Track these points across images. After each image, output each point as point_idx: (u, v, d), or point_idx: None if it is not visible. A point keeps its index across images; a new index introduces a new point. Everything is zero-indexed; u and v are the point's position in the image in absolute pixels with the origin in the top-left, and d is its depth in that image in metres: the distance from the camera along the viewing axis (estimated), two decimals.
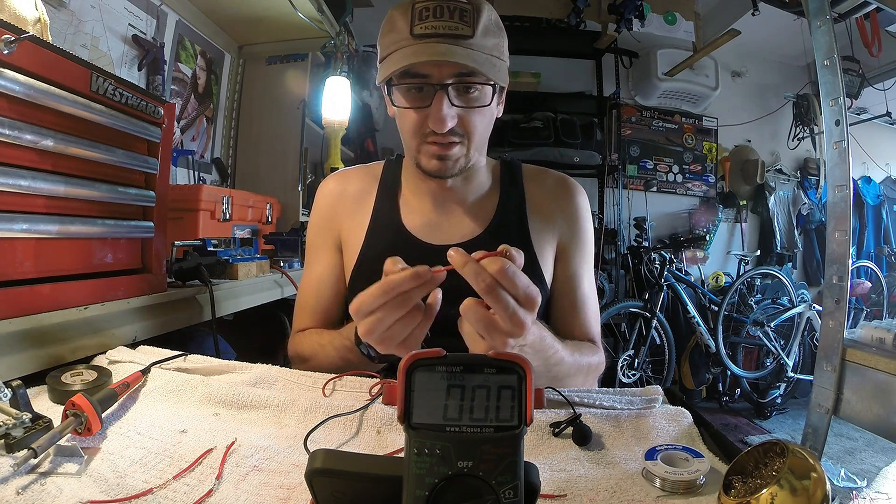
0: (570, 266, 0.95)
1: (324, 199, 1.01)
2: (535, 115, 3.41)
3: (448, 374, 0.40)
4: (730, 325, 3.43)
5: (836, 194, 1.33)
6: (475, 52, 0.77)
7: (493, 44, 0.81)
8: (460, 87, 0.79)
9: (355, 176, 1.02)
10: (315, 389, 0.73)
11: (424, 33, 0.77)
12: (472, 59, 0.76)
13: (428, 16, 0.77)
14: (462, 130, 0.82)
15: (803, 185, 4.27)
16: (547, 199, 0.96)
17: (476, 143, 0.84)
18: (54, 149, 0.79)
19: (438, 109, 0.77)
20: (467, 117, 0.81)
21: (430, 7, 0.77)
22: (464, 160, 0.85)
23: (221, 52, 2.37)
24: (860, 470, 2.40)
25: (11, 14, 0.80)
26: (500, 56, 0.82)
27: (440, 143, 0.82)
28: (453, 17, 0.77)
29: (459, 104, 0.79)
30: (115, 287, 0.94)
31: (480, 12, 0.79)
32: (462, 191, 0.94)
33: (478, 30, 0.78)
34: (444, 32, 0.76)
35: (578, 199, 0.97)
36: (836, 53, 1.31)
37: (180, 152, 2.08)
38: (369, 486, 0.42)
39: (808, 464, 0.44)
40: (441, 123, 0.78)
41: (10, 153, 0.73)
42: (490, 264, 0.53)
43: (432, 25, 0.76)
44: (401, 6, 0.81)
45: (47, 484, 0.48)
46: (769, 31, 3.47)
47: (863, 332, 1.28)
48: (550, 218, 0.95)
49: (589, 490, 0.52)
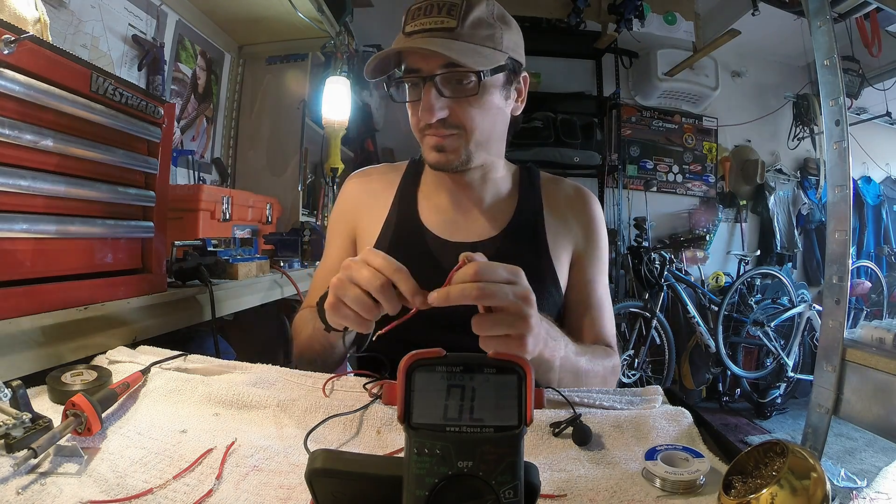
0: (586, 272, 0.97)
1: (345, 194, 1.05)
2: (535, 115, 3.40)
3: (448, 375, 0.40)
4: (730, 324, 3.43)
5: (836, 194, 1.33)
6: (458, 41, 0.78)
7: (486, 35, 0.81)
8: (451, 79, 0.80)
9: (377, 173, 1.05)
10: (315, 389, 0.73)
11: (413, 30, 0.80)
12: (453, 48, 0.77)
13: (419, 14, 0.80)
14: (456, 122, 0.82)
15: (803, 185, 4.27)
16: (564, 206, 0.98)
17: (477, 137, 0.84)
18: (54, 149, 0.79)
19: (426, 100, 0.80)
20: (459, 109, 0.82)
21: (422, 7, 0.81)
22: (464, 153, 0.85)
23: (221, 52, 2.37)
24: (860, 470, 2.40)
25: (11, 14, 0.80)
26: (494, 46, 0.82)
27: (435, 135, 0.84)
28: (441, 13, 0.79)
29: (448, 95, 0.81)
30: (115, 287, 0.94)
31: (471, 6, 0.80)
32: (480, 190, 0.95)
33: (465, 22, 0.79)
34: (430, 27, 0.79)
35: (594, 208, 0.99)
36: (836, 53, 1.31)
37: (180, 152, 2.08)
38: (369, 487, 0.42)
39: (808, 464, 0.44)
40: (427, 113, 0.80)
41: (11, 153, 0.73)
42: (462, 274, 0.57)
43: (420, 23, 0.80)
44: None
45: (47, 484, 0.48)
46: (769, 31, 3.47)
47: (863, 331, 1.28)
48: (567, 225, 0.96)
49: (589, 490, 0.52)
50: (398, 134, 3.37)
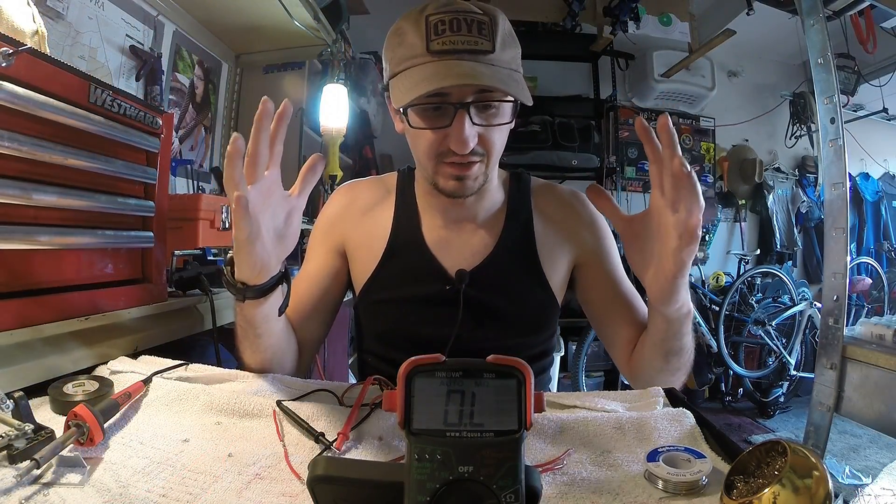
0: (605, 270, 0.94)
1: (331, 207, 1.00)
2: (533, 118, 3.41)
3: (448, 380, 0.40)
4: (731, 324, 3.43)
5: (833, 192, 1.33)
6: (497, 67, 0.73)
7: (511, 56, 0.77)
8: (480, 105, 0.75)
9: (365, 187, 1.01)
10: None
11: (443, 49, 0.72)
12: (497, 77, 0.72)
13: (444, 29, 0.72)
14: (482, 149, 0.78)
15: (802, 183, 4.27)
16: (558, 215, 0.95)
17: (493, 159, 0.82)
18: (53, 160, 0.79)
19: (460, 131, 0.73)
20: (486, 135, 0.78)
21: (447, 20, 0.72)
22: (482, 178, 0.83)
23: (219, 62, 2.38)
24: (864, 467, 2.39)
25: (9, 26, 0.80)
26: (517, 69, 0.78)
27: (459, 164, 0.78)
28: (471, 31, 0.72)
29: (480, 122, 0.75)
30: (116, 297, 0.94)
31: (497, 23, 0.75)
32: (475, 207, 0.91)
33: (497, 43, 0.73)
34: (465, 48, 0.72)
35: (591, 207, 0.97)
36: (829, 52, 1.32)
37: (179, 162, 2.09)
38: (371, 493, 0.42)
39: (810, 462, 0.44)
40: (464, 145, 0.74)
41: (9, 165, 0.73)
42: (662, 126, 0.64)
43: (451, 41, 0.71)
44: (410, 17, 0.76)
45: (50, 494, 0.48)
46: (764, 31, 3.48)
47: (862, 329, 1.28)
48: (564, 234, 0.94)
49: (591, 493, 0.52)
50: (396, 140, 3.33)
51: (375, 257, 0.92)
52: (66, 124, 0.80)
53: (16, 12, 0.83)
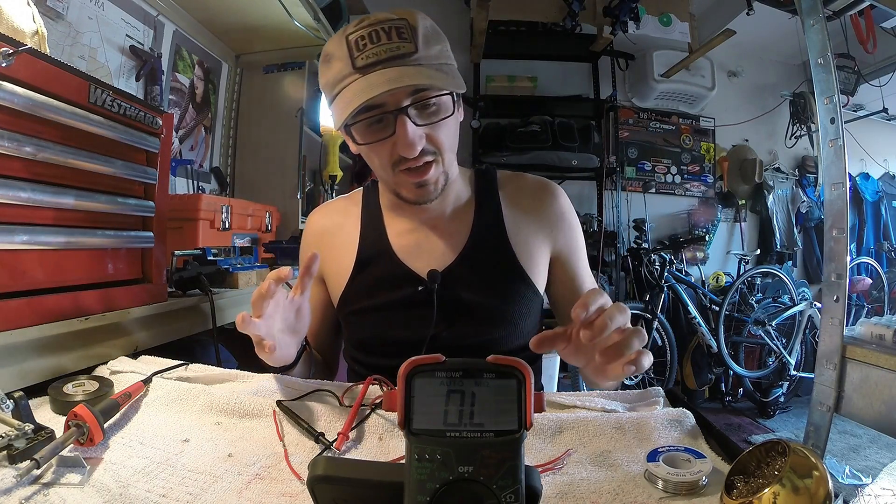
0: (571, 267, 0.97)
1: (308, 229, 1.03)
2: (533, 119, 3.41)
3: (448, 380, 0.40)
4: (731, 324, 3.42)
5: (833, 192, 1.33)
6: (423, 66, 0.75)
7: (438, 51, 0.78)
8: (419, 106, 0.76)
9: (333, 209, 1.03)
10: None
11: (368, 63, 0.73)
12: (424, 74, 0.74)
13: (365, 44, 0.74)
14: (433, 147, 0.80)
15: (802, 183, 4.27)
16: (529, 204, 0.95)
17: (448, 155, 0.83)
18: (53, 160, 0.79)
19: (404, 134, 0.74)
20: (433, 133, 0.79)
21: (365, 34, 0.74)
22: (443, 178, 0.84)
23: (219, 62, 2.38)
24: (865, 467, 2.39)
25: (9, 27, 0.81)
26: (448, 61, 0.79)
27: (415, 169, 0.80)
28: (391, 38, 0.74)
29: (423, 122, 0.77)
30: (116, 297, 0.95)
31: (415, 23, 0.76)
32: (440, 206, 0.92)
33: (419, 42, 0.75)
34: (387, 56, 0.73)
35: (562, 201, 0.97)
36: (829, 51, 1.32)
37: (179, 162, 2.09)
38: (371, 493, 0.42)
39: (810, 462, 0.44)
40: (411, 148, 0.75)
41: (10, 165, 0.73)
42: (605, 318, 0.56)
43: (374, 52, 0.73)
44: (333, 41, 0.78)
45: (50, 494, 0.48)
46: (764, 31, 3.48)
47: (862, 328, 1.28)
48: (537, 224, 0.94)
49: (591, 493, 0.52)
50: None
51: (347, 271, 0.93)
52: (66, 124, 0.81)
53: (16, 12, 0.83)
